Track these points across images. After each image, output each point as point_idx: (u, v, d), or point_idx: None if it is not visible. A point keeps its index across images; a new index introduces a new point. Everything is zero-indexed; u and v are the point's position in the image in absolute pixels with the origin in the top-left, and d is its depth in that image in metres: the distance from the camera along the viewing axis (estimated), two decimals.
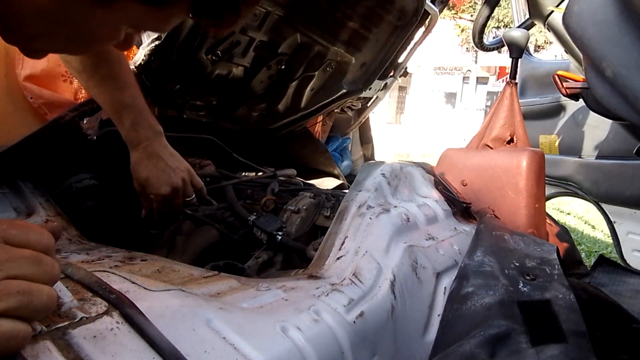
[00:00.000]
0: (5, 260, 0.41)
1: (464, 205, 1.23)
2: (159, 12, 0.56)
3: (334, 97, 1.97)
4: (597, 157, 1.98)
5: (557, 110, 2.19)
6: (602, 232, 3.71)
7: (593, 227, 3.96)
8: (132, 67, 1.29)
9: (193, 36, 1.38)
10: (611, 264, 1.59)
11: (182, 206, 1.09)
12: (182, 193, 1.07)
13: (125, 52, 1.23)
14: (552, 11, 1.77)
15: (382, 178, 1.11)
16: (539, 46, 15.43)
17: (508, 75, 1.49)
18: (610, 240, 2.53)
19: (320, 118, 2.24)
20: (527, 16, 2.00)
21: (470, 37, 2.38)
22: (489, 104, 17.43)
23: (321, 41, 1.73)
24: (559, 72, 1.40)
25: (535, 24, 2.02)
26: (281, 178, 1.53)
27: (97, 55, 0.99)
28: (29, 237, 0.43)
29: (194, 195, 1.11)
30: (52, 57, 1.36)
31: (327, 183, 2.05)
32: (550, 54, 14.01)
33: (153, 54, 1.32)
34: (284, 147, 2.01)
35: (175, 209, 1.08)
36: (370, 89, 2.08)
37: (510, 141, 1.41)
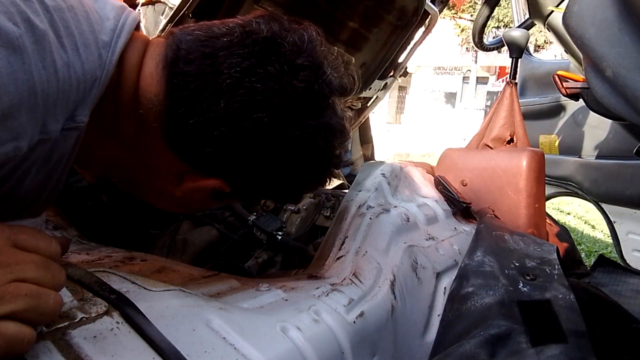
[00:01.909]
0: (16, 263, 0.41)
1: (464, 205, 1.23)
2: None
3: None
4: (597, 157, 1.98)
5: (557, 110, 2.19)
6: (602, 232, 3.71)
7: (593, 227, 3.96)
8: None
9: None
10: (611, 264, 1.59)
11: None
12: None
13: None
14: (552, 11, 1.77)
15: (382, 178, 1.11)
16: (539, 46, 15.41)
17: (508, 75, 1.49)
18: (610, 240, 2.53)
19: None
20: (527, 16, 1.99)
21: (470, 37, 2.37)
22: (489, 104, 17.42)
23: None
24: (559, 72, 1.40)
25: (535, 24, 2.02)
26: None
27: None
28: (38, 243, 0.44)
29: None
30: None
31: None
32: (550, 54, 14.00)
33: None
34: None
35: None
36: (370, 89, 2.08)
37: (510, 141, 1.41)
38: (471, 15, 16.78)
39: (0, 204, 0.53)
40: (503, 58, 16.82)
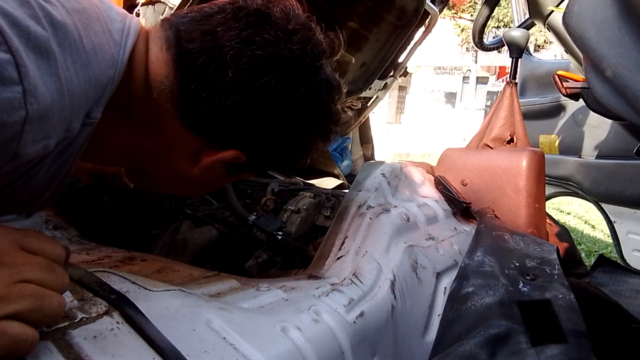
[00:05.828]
0: (22, 264, 0.42)
1: (464, 205, 1.23)
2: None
3: None
4: (597, 157, 1.98)
5: (557, 110, 2.19)
6: (602, 232, 3.71)
7: (593, 227, 3.96)
8: None
9: None
10: (611, 264, 1.59)
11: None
12: None
13: None
14: (552, 11, 1.77)
15: (382, 178, 1.11)
16: (539, 46, 15.40)
17: (508, 75, 1.49)
18: (610, 240, 2.53)
19: None
20: (527, 16, 1.99)
21: (470, 37, 2.37)
22: (489, 104, 17.43)
23: None
24: (559, 72, 1.40)
25: (535, 24, 2.02)
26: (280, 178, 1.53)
27: None
28: (44, 246, 0.45)
29: None
30: None
31: (327, 183, 2.05)
32: (550, 54, 13.99)
33: None
34: None
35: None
36: (370, 89, 2.08)
37: (510, 141, 1.41)
38: (471, 15, 16.77)
39: (12, 196, 0.55)
40: (503, 58, 16.82)
